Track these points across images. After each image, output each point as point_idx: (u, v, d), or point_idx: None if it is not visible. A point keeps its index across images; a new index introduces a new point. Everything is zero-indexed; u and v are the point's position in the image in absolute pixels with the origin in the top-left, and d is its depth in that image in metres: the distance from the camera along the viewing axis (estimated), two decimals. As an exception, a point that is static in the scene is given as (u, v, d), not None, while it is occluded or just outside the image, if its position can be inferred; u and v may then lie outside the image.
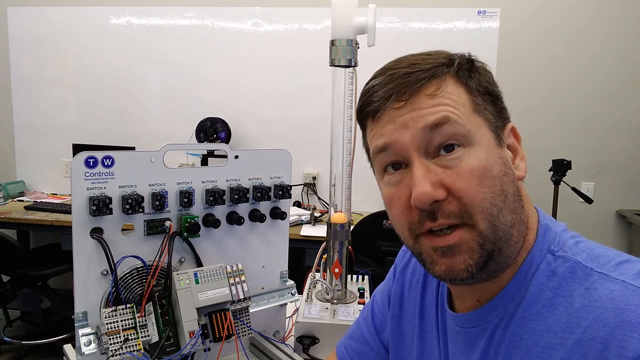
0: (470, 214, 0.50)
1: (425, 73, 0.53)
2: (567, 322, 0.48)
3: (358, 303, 1.17)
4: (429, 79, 0.53)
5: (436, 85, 0.53)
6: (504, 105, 0.57)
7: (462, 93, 0.53)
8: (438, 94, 0.52)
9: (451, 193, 0.51)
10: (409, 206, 0.53)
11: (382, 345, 0.79)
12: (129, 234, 0.87)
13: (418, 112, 0.52)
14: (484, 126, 0.53)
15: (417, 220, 0.53)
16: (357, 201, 2.42)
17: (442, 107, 0.52)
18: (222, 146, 0.96)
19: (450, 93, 0.53)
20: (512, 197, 0.52)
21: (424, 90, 0.53)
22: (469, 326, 0.58)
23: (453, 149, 0.51)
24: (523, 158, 0.57)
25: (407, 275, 0.75)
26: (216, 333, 0.87)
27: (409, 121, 0.52)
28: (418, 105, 0.52)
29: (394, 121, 0.53)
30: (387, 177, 0.56)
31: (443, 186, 0.51)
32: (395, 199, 0.54)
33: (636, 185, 2.94)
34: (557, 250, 0.53)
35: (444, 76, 0.53)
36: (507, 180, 0.52)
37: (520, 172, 0.56)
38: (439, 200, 0.50)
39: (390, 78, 0.54)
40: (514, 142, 0.57)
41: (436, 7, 2.91)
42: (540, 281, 0.52)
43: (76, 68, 3.19)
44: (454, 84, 0.54)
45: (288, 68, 3.05)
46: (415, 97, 0.52)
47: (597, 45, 2.87)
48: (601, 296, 0.47)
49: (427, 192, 0.50)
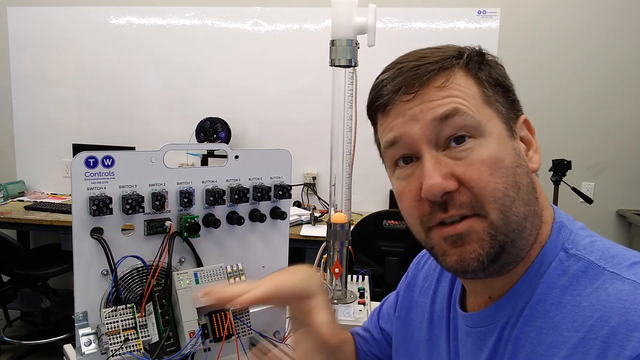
0: (482, 203, 0.50)
1: (434, 65, 0.53)
2: (573, 321, 0.47)
3: (358, 303, 1.17)
4: (438, 71, 0.52)
5: (445, 77, 0.52)
6: (516, 98, 0.57)
7: (472, 85, 0.53)
8: (447, 86, 0.52)
9: (462, 184, 0.50)
10: (420, 199, 0.52)
11: (385, 341, 0.80)
12: (129, 234, 0.87)
13: (427, 105, 0.52)
14: (495, 118, 0.53)
15: (429, 212, 0.52)
16: (357, 201, 2.42)
17: (452, 99, 0.51)
18: (222, 146, 0.96)
19: (460, 85, 0.52)
20: (526, 189, 0.52)
21: (433, 82, 0.52)
22: (478, 325, 0.57)
23: (464, 141, 0.51)
24: (537, 150, 0.57)
25: (418, 280, 0.75)
26: (216, 333, 0.87)
27: (418, 113, 0.52)
28: (427, 98, 0.52)
29: (403, 114, 0.53)
30: (398, 171, 0.56)
31: (454, 177, 0.50)
32: (406, 192, 0.54)
33: (636, 185, 2.94)
34: (570, 248, 0.52)
35: (453, 68, 0.53)
36: (521, 172, 0.52)
37: (534, 164, 0.55)
38: (450, 191, 0.50)
39: (400, 71, 0.54)
40: (527, 134, 0.57)
41: (436, 7, 2.92)
42: (550, 279, 0.51)
43: (76, 68, 3.19)
44: (464, 76, 0.53)
45: (288, 68, 3.05)
46: (424, 90, 0.52)
47: (597, 45, 2.87)
48: (609, 295, 0.46)
49: (438, 183, 0.49)
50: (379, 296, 0.90)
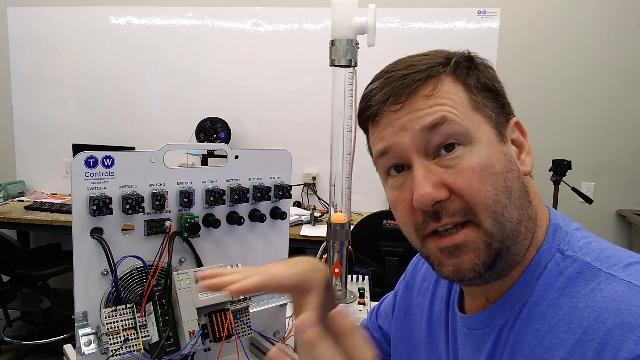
0: (474, 211, 0.50)
1: (422, 74, 0.53)
2: (570, 323, 0.47)
3: (358, 303, 1.17)
4: (425, 80, 0.53)
5: (433, 85, 0.52)
6: (507, 101, 0.57)
7: (460, 91, 0.53)
8: (435, 94, 0.52)
9: (453, 192, 0.50)
10: (413, 208, 0.52)
11: (384, 340, 0.81)
12: (129, 234, 0.87)
13: (415, 114, 0.52)
14: (484, 123, 0.53)
15: (422, 222, 0.52)
16: (357, 201, 2.42)
17: (440, 107, 0.51)
18: (222, 146, 0.96)
19: (448, 92, 0.52)
20: (518, 193, 0.52)
21: (420, 91, 0.52)
22: (476, 327, 0.58)
23: (453, 148, 0.51)
24: (529, 152, 0.57)
25: (416, 281, 0.75)
26: (216, 333, 0.87)
27: (407, 123, 0.52)
28: (415, 107, 0.52)
29: (392, 124, 0.53)
30: (391, 180, 0.56)
31: (445, 186, 0.50)
32: (399, 201, 0.54)
33: (636, 185, 2.94)
34: (566, 249, 0.52)
35: (441, 75, 0.53)
36: (512, 177, 0.52)
37: (526, 167, 0.55)
38: (441, 200, 0.50)
39: (388, 81, 0.54)
40: (519, 136, 0.57)
41: (436, 7, 2.91)
42: (547, 281, 0.52)
43: (76, 68, 3.19)
44: (452, 83, 0.53)
45: (288, 68, 3.05)
46: (412, 99, 0.52)
47: (597, 45, 2.87)
48: (605, 297, 0.46)
49: (428, 193, 0.50)
50: (379, 296, 0.90)
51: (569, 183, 2.38)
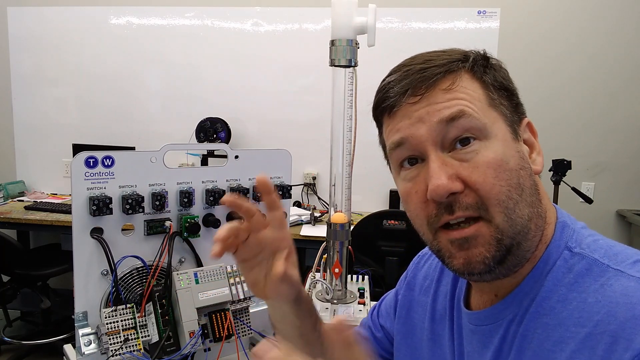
0: (487, 206, 0.50)
1: (441, 68, 0.53)
2: (580, 317, 0.48)
3: (358, 303, 1.17)
4: (445, 74, 0.53)
5: (451, 80, 0.53)
6: (520, 101, 0.58)
7: (478, 88, 0.54)
8: (453, 89, 0.53)
9: (468, 186, 0.51)
10: (426, 200, 0.53)
11: (386, 339, 0.80)
12: (129, 234, 0.87)
13: (434, 107, 0.52)
14: (499, 120, 0.54)
15: (435, 214, 0.53)
16: (357, 201, 2.42)
17: (458, 101, 0.52)
18: (222, 146, 0.96)
19: (466, 87, 0.53)
20: (529, 191, 0.53)
21: (439, 84, 0.53)
22: (483, 323, 0.58)
23: (469, 143, 0.52)
24: (540, 152, 0.58)
25: (418, 279, 0.75)
26: (216, 333, 0.87)
27: (424, 115, 0.53)
28: (434, 100, 0.53)
29: (409, 116, 0.54)
30: (404, 173, 0.56)
31: (459, 179, 0.51)
32: (412, 193, 0.55)
33: (636, 185, 2.94)
34: (574, 246, 0.53)
35: (459, 71, 0.54)
36: (524, 174, 0.53)
37: (537, 166, 0.56)
38: (456, 192, 0.51)
39: (406, 74, 0.55)
40: (530, 136, 0.58)
41: (436, 7, 2.91)
42: (556, 277, 0.52)
43: (76, 68, 3.19)
44: (469, 79, 0.54)
45: (288, 68, 3.05)
46: (430, 92, 0.53)
47: (597, 45, 2.87)
48: (615, 292, 0.47)
49: (444, 184, 0.50)
50: (379, 296, 0.90)
51: (569, 183, 2.38)
